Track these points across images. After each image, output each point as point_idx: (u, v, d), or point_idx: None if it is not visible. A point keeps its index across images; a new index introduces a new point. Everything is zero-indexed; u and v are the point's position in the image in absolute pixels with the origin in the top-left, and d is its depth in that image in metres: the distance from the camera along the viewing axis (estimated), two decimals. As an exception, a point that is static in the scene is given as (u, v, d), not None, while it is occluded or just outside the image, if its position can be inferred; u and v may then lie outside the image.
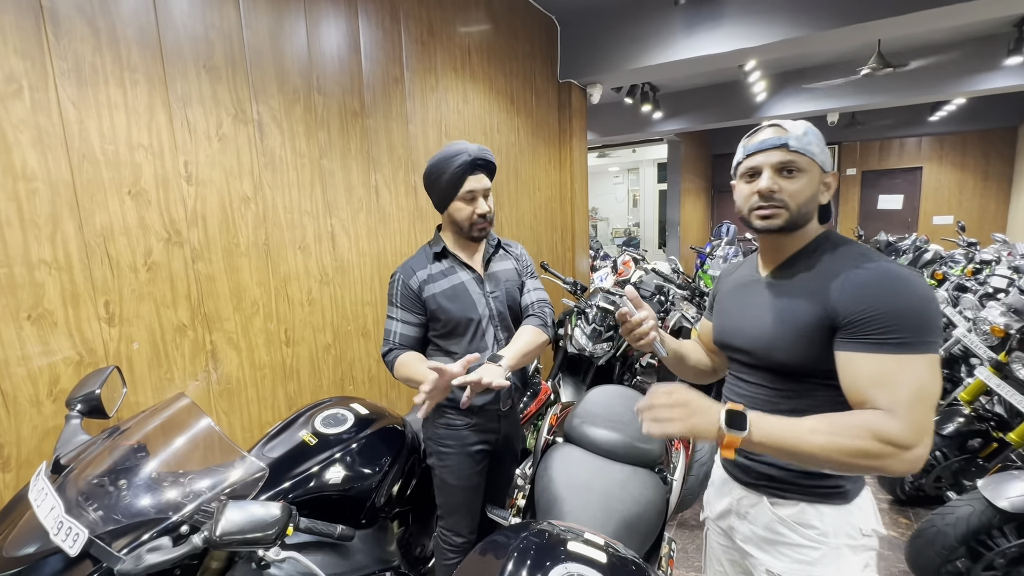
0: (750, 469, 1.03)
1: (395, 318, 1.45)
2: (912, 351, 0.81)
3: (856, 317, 0.84)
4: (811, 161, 0.93)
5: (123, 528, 0.92)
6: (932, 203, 8.31)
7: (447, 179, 1.39)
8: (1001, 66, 4.74)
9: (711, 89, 6.31)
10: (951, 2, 2.69)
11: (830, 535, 0.96)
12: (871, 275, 0.86)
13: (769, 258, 1.04)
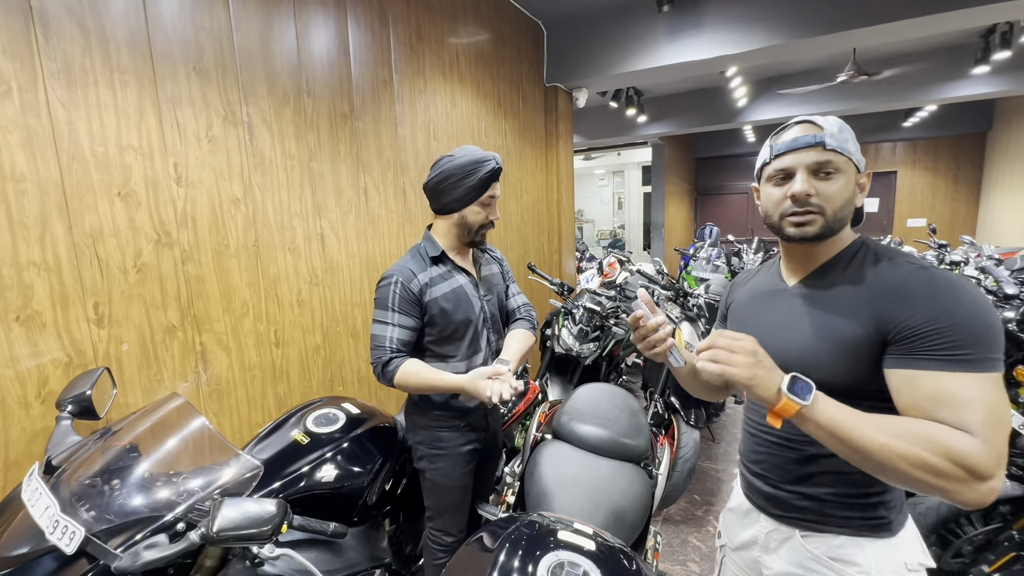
0: (781, 500, 0.93)
1: (389, 323, 1.39)
2: (980, 369, 0.71)
3: (915, 331, 0.75)
4: (848, 161, 0.83)
5: (119, 526, 0.93)
6: (906, 206, 8.57)
7: (475, 182, 1.40)
8: (969, 75, 4.93)
9: (694, 94, 6.43)
10: (920, 14, 2.80)
11: (874, 573, 0.85)
12: (927, 284, 0.76)
13: (798, 266, 0.93)
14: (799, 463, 0.90)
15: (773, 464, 0.94)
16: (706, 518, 2.54)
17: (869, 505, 0.86)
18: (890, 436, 0.70)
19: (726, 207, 10.39)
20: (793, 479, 0.91)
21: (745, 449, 1.03)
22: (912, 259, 0.82)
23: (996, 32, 4.19)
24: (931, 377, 0.73)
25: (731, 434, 3.45)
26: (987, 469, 0.67)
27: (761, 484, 0.96)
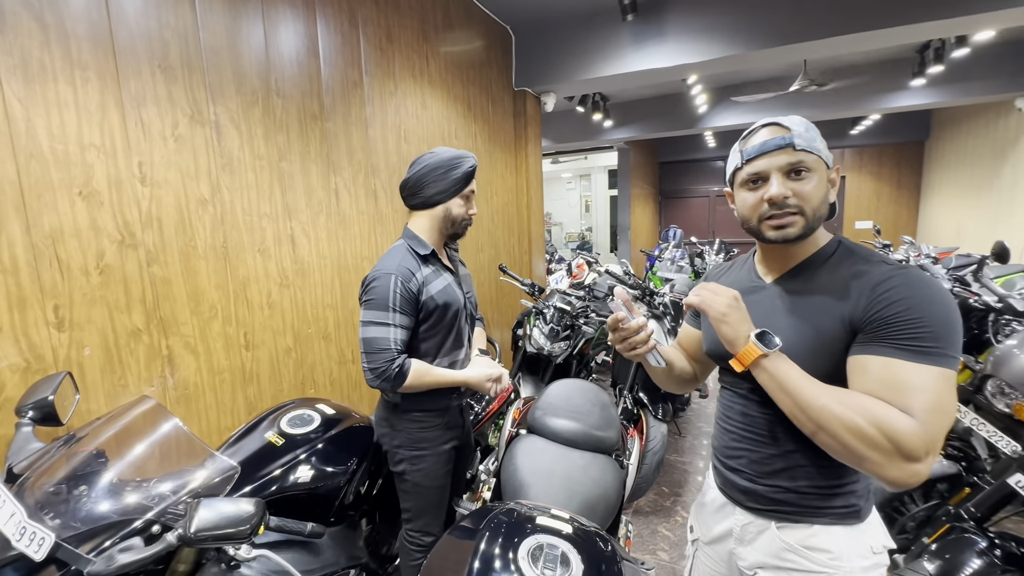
0: (759, 494, 0.95)
1: (392, 323, 1.37)
2: (936, 363, 0.74)
3: (885, 321, 0.77)
4: (818, 159, 0.85)
5: (90, 531, 0.91)
6: (854, 209, 9.08)
7: (457, 176, 1.47)
8: (908, 87, 5.29)
9: (657, 100, 6.63)
10: (860, 30, 3.01)
11: (844, 558, 0.88)
12: (904, 283, 0.79)
13: (775, 265, 0.95)
14: (774, 458, 0.92)
15: (751, 459, 0.95)
16: (674, 508, 2.63)
17: (842, 495, 0.89)
18: (833, 400, 0.75)
19: (689, 210, 10.73)
20: (771, 473, 0.93)
21: (720, 445, 1.04)
22: (888, 260, 0.85)
23: (930, 48, 4.52)
24: (886, 363, 0.76)
25: (696, 428, 3.58)
26: (915, 449, 0.70)
27: (738, 479, 0.98)
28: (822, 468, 0.89)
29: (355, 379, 2.42)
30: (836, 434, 0.74)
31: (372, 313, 1.39)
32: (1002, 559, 1.38)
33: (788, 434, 0.88)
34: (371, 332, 1.38)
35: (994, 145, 5.99)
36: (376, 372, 1.37)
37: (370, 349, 1.37)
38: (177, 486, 1.01)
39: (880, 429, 0.72)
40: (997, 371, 1.87)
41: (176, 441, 1.07)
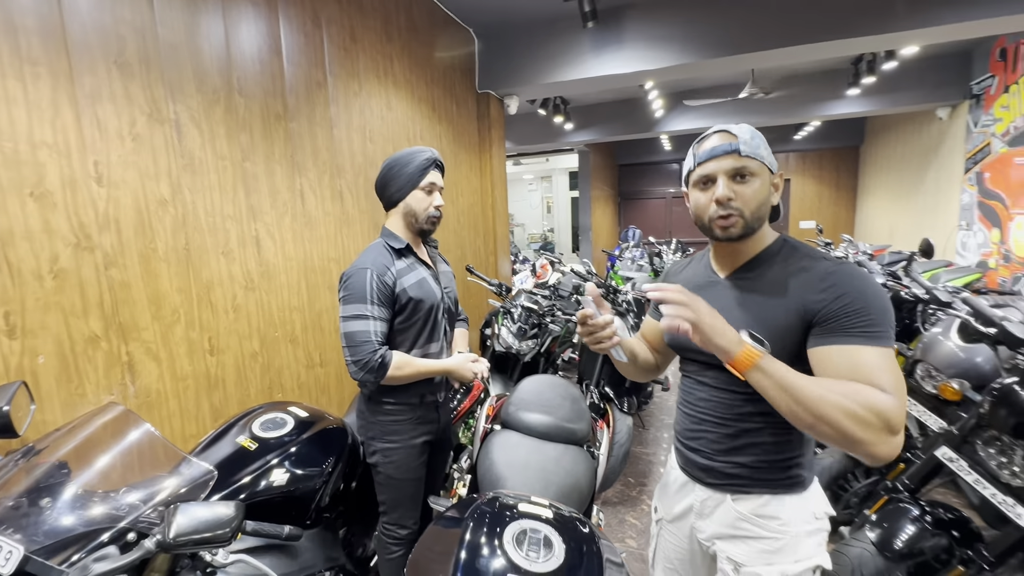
0: (714, 470, 1.03)
1: (371, 316, 1.40)
2: (885, 343, 0.83)
3: (835, 313, 0.85)
4: (761, 165, 0.92)
5: (61, 542, 0.88)
6: (798, 209, 9.63)
7: (412, 169, 1.49)
8: (844, 96, 5.68)
9: (616, 104, 6.82)
10: (799, 43, 3.25)
11: (791, 523, 0.97)
12: (843, 274, 0.87)
13: (727, 261, 1.03)
14: (731, 437, 1.00)
15: (708, 440, 1.04)
16: (640, 498, 2.73)
17: (789, 467, 0.98)
18: (826, 390, 0.80)
19: (647, 211, 11.06)
20: (726, 451, 1.01)
21: (681, 428, 1.12)
22: (828, 256, 0.94)
23: (863, 60, 4.87)
24: (847, 350, 0.83)
25: (659, 420, 3.72)
26: (897, 423, 0.78)
27: (697, 457, 1.06)
28: (771, 444, 0.98)
29: (323, 383, 2.39)
30: (835, 422, 0.78)
31: (351, 307, 1.42)
32: (932, 524, 1.53)
33: (742, 416, 0.98)
34: (352, 326, 1.41)
35: (920, 151, 6.51)
36: (359, 364, 1.39)
37: (352, 342, 1.41)
38: (152, 492, 0.99)
39: (870, 410, 0.77)
40: (925, 356, 2.07)
41: (150, 447, 1.05)
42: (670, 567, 1.19)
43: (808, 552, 0.97)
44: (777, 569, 0.96)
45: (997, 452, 1.41)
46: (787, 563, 0.96)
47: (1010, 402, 1.37)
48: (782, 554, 0.97)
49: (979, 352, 1.87)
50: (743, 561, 1.00)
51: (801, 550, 0.97)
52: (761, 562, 0.98)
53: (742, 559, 1.00)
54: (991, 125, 4.85)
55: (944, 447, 1.57)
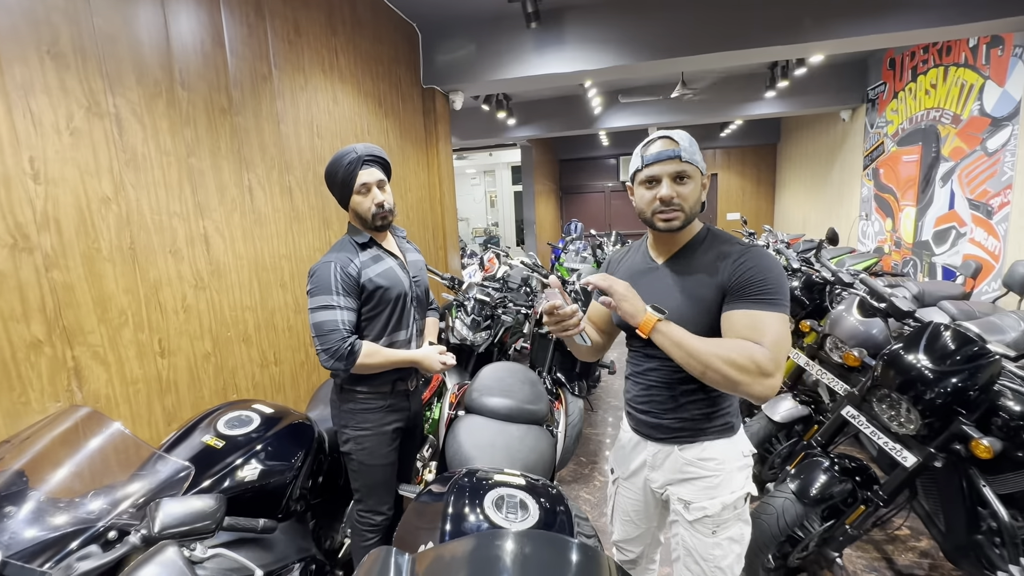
0: (662, 426, 1.22)
1: (337, 306, 1.44)
2: (777, 309, 1.03)
3: (741, 283, 1.05)
4: (696, 168, 1.10)
5: (42, 544, 0.88)
6: (724, 202, 10.34)
7: (341, 176, 1.52)
8: (763, 97, 6.18)
9: (557, 101, 7.01)
10: (721, 50, 3.55)
11: (726, 462, 1.17)
12: (750, 254, 1.07)
13: (664, 249, 1.20)
14: (674, 398, 1.19)
15: (656, 402, 1.22)
16: (592, 475, 2.91)
17: (720, 416, 1.19)
18: (713, 346, 1.02)
19: (587, 204, 11.43)
20: (671, 409, 1.20)
21: (631, 396, 1.30)
22: (740, 241, 1.14)
23: (778, 66, 5.34)
24: (747, 313, 1.04)
25: (606, 403, 3.94)
26: (768, 367, 0.98)
27: (648, 418, 1.25)
28: (706, 400, 1.18)
29: (279, 381, 2.36)
30: (719, 368, 1.00)
31: (318, 299, 1.46)
32: (840, 472, 1.79)
33: (681, 379, 1.16)
34: (319, 316, 1.45)
35: (827, 149, 7.21)
36: (329, 352, 1.44)
37: (320, 332, 1.45)
38: (129, 490, 0.99)
39: (747, 357, 0.98)
40: (832, 330, 2.37)
41: (123, 446, 1.04)
42: (627, 519, 1.36)
43: (740, 484, 1.19)
44: (718, 501, 1.17)
45: (888, 407, 1.67)
46: (725, 494, 1.17)
47: (897, 364, 1.63)
48: (720, 488, 1.17)
49: (874, 325, 2.17)
50: (691, 499, 1.19)
51: (735, 483, 1.18)
52: (705, 497, 1.18)
53: (690, 497, 1.19)
54: (884, 127, 5.48)
55: (848, 406, 1.83)
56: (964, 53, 4.13)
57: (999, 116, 3.76)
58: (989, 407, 1.52)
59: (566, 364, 3.10)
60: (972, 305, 2.88)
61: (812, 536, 1.86)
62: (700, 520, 1.19)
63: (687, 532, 1.21)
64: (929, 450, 1.57)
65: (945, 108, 4.41)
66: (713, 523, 1.18)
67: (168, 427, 1.76)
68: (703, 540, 1.19)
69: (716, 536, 1.18)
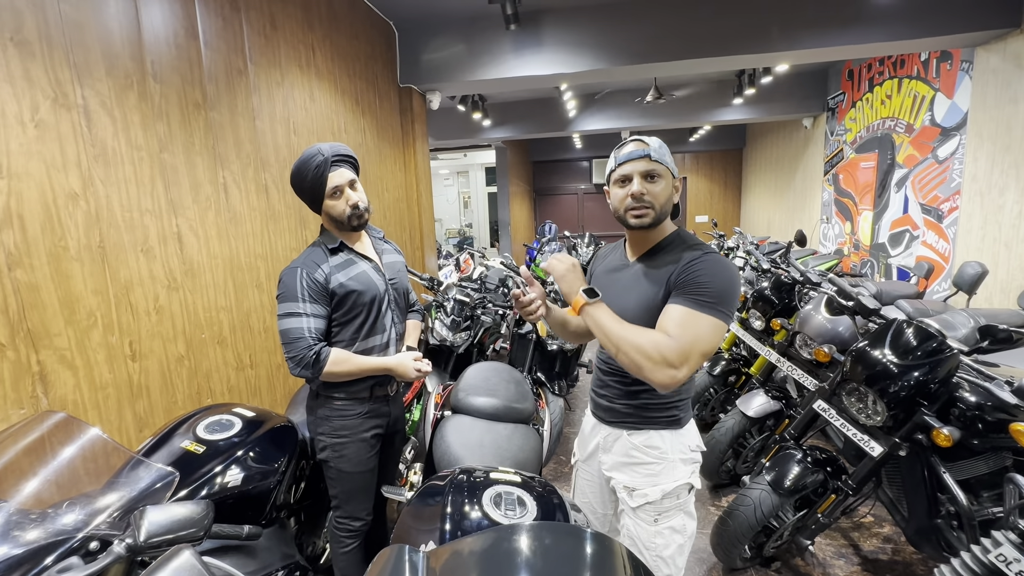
0: (614, 410, 1.30)
1: (305, 313, 1.41)
2: (708, 312, 1.06)
3: (683, 281, 1.11)
4: (666, 169, 1.16)
5: (12, 562, 0.83)
6: (694, 205, 10.62)
7: (310, 182, 1.46)
8: (730, 104, 6.39)
9: (532, 103, 7.06)
10: (691, 57, 3.67)
11: (668, 452, 1.24)
12: (703, 259, 1.12)
13: (637, 248, 1.27)
14: (627, 384, 1.26)
15: (610, 387, 1.31)
16: (571, 473, 2.94)
17: (667, 408, 1.25)
18: (629, 331, 1.08)
19: (561, 206, 11.53)
20: (623, 395, 1.28)
21: (595, 381, 1.40)
22: (704, 247, 1.18)
23: (745, 74, 5.53)
24: (677, 308, 1.09)
25: (584, 402, 3.98)
26: (673, 359, 1.03)
27: (603, 402, 1.34)
28: (654, 390, 1.19)
29: (255, 385, 2.29)
30: (627, 352, 1.06)
31: (284, 306, 1.44)
32: (812, 463, 1.87)
33: None
34: (285, 324, 1.43)
35: (790, 155, 7.50)
36: (295, 360, 1.41)
37: (287, 339, 1.42)
38: (111, 498, 0.95)
39: (654, 347, 1.04)
40: (802, 328, 2.47)
41: (103, 452, 0.99)
42: (585, 500, 1.45)
43: (682, 475, 1.25)
44: (659, 489, 1.23)
45: (857, 400, 1.75)
46: (666, 482, 1.24)
47: (864, 359, 1.72)
48: (662, 476, 1.24)
49: (841, 322, 2.28)
50: (633, 486, 1.26)
51: (677, 473, 1.24)
52: (647, 484, 1.25)
53: (632, 484, 1.26)
54: (843, 134, 5.74)
55: (819, 400, 1.91)
56: (916, 66, 4.38)
57: (948, 126, 4.00)
58: (948, 398, 1.62)
59: (545, 364, 3.12)
60: (925, 304, 3.05)
61: (786, 525, 1.94)
62: (642, 507, 1.25)
63: (631, 520, 1.28)
64: (894, 440, 1.66)
65: (899, 118, 4.66)
66: (655, 510, 1.24)
67: (140, 433, 1.69)
68: (646, 528, 1.25)
69: (658, 524, 1.25)
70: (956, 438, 1.52)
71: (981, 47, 3.60)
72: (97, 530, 0.91)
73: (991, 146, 3.54)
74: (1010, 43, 3.35)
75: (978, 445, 1.58)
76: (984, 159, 3.61)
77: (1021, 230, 3.29)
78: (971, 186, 3.76)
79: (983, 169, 3.63)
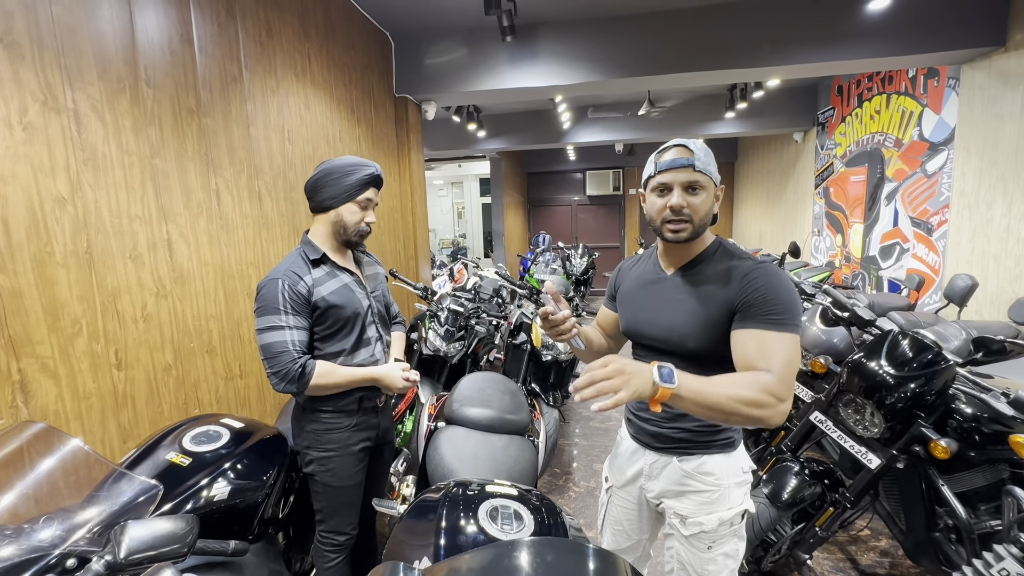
0: (663, 436, 1.20)
1: (286, 325, 1.37)
2: (784, 329, 0.98)
3: (748, 302, 1.01)
4: (710, 179, 1.07)
5: (-13, 577, 0.79)
6: (686, 218, 10.69)
7: (351, 182, 1.45)
8: (723, 118, 6.47)
9: (527, 114, 7.10)
10: (685, 71, 3.71)
11: (723, 477, 1.15)
12: (760, 271, 1.04)
13: (674, 259, 1.17)
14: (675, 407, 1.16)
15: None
16: (567, 486, 2.90)
17: (722, 431, 1.17)
18: (729, 387, 0.92)
19: (554, 217, 11.57)
20: (672, 418, 1.18)
21: (634, 405, 1.28)
22: (751, 256, 1.10)
23: (737, 88, 5.61)
24: (756, 334, 1.00)
25: (578, 414, 3.96)
26: (781, 394, 0.94)
27: (648, 426, 1.23)
28: None
29: (244, 395, 2.24)
30: (741, 412, 0.92)
31: (265, 319, 1.38)
32: (809, 475, 1.85)
33: None
34: (267, 338, 1.37)
35: (781, 168, 7.59)
36: (279, 375, 1.36)
37: (269, 354, 1.37)
38: (90, 513, 0.91)
39: (764, 392, 0.93)
40: (797, 339, 2.46)
41: (84, 464, 0.96)
42: (619, 528, 1.34)
43: (738, 500, 1.18)
44: (715, 517, 1.15)
45: (854, 411, 1.75)
46: (722, 510, 1.16)
47: (861, 370, 1.71)
48: (718, 504, 1.16)
49: (837, 333, 2.28)
50: (687, 514, 1.18)
51: (732, 499, 1.17)
52: (703, 512, 1.16)
53: (686, 512, 1.18)
54: (833, 148, 5.82)
55: (816, 411, 1.90)
56: (904, 83, 4.46)
57: (936, 141, 4.07)
58: (945, 410, 1.61)
59: (540, 374, 3.10)
60: (917, 316, 3.07)
61: (784, 539, 1.91)
62: (696, 535, 1.17)
63: (682, 546, 1.20)
64: (892, 452, 1.65)
65: (888, 132, 4.73)
66: (709, 539, 1.17)
67: (124, 445, 1.64)
68: (698, 555, 1.18)
69: (712, 552, 1.17)
70: (954, 450, 1.52)
71: (967, 64, 3.68)
72: (75, 546, 0.87)
73: (979, 161, 3.60)
74: (995, 60, 3.42)
75: (975, 457, 1.57)
76: (972, 173, 3.67)
77: (1009, 243, 3.33)
78: (959, 200, 3.81)
79: (971, 183, 3.68)
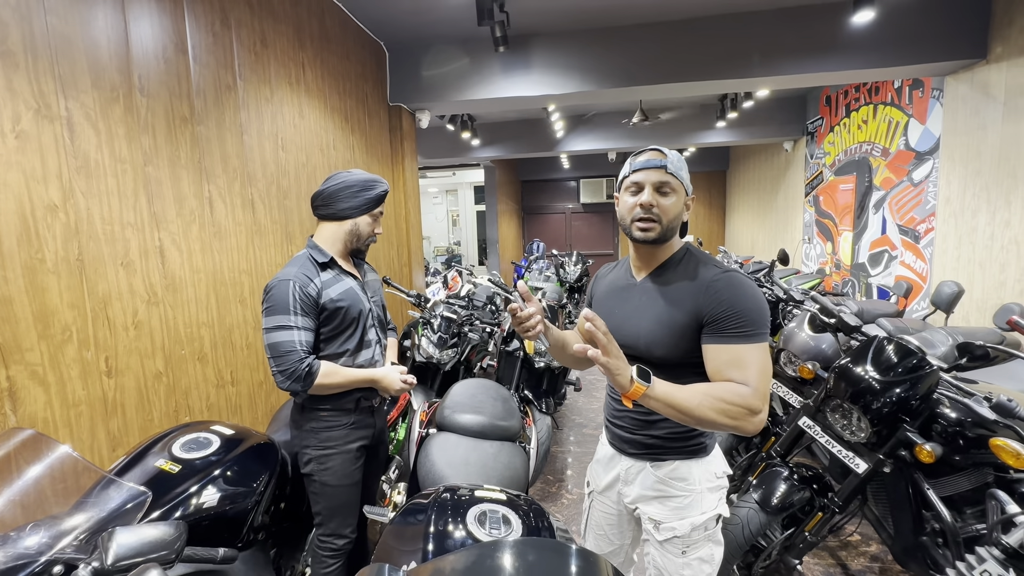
0: (636, 442, 1.22)
1: (295, 326, 1.41)
2: (754, 340, 1.02)
3: (715, 315, 1.03)
4: (680, 184, 1.10)
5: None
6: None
7: (372, 196, 1.56)
8: (714, 127, 6.55)
9: (521, 123, 7.16)
10: (675, 81, 3.77)
11: (696, 482, 1.17)
12: (724, 280, 1.06)
13: (643, 264, 1.19)
14: (647, 414, 1.18)
15: (631, 417, 1.23)
16: (560, 493, 2.90)
17: (693, 437, 1.19)
18: (702, 395, 0.97)
19: (548, 225, 11.63)
20: (644, 424, 1.21)
21: (610, 410, 1.32)
22: (719, 264, 1.12)
23: (728, 99, 5.69)
24: (727, 348, 1.03)
25: (571, 420, 3.96)
26: (756, 405, 0.98)
27: (623, 432, 1.26)
28: None
29: (235, 402, 2.24)
30: (711, 420, 0.97)
31: (274, 319, 1.43)
32: (799, 480, 1.87)
33: None
34: (275, 337, 1.42)
35: (772, 177, 7.69)
36: (286, 374, 1.41)
37: (276, 353, 1.42)
38: (78, 519, 0.91)
39: (735, 404, 0.97)
40: (786, 345, 2.49)
41: (72, 470, 0.96)
42: (600, 533, 1.36)
43: (711, 505, 1.19)
44: (688, 522, 1.17)
45: (841, 416, 1.77)
46: (695, 515, 1.18)
47: (848, 376, 1.74)
48: (690, 508, 1.18)
49: (824, 339, 2.30)
50: (661, 519, 1.20)
51: (705, 503, 1.19)
52: (675, 517, 1.18)
53: (660, 517, 1.20)
54: (822, 157, 5.91)
55: (804, 417, 1.92)
56: (890, 93, 4.55)
57: (922, 151, 4.14)
58: (930, 415, 1.64)
59: (532, 381, 3.10)
60: (905, 322, 3.11)
61: (775, 544, 1.92)
62: (670, 540, 1.19)
63: (657, 552, 1.22)
64: (879, 456, 1.67)
65: (875, 142, 4.81)
66: (683, 543, 1.18)
67: (113, 452, 1.63)
68: (673, 560, 1.20)
69: (686, 556, 1.19)
70: (939, 454, 1.54)
71: (951, 76, 3.76)
72: (62, 553, 0.87)
73: (963, 170, 3.67)
74: (977, 73, 3.50)
75: (960, 461, 1.60)
76: (957, 182, 3.74)
77: (994, 250, 3.39)
78: (945, 208, 3.87)
79: (956, 192, 3.75)
